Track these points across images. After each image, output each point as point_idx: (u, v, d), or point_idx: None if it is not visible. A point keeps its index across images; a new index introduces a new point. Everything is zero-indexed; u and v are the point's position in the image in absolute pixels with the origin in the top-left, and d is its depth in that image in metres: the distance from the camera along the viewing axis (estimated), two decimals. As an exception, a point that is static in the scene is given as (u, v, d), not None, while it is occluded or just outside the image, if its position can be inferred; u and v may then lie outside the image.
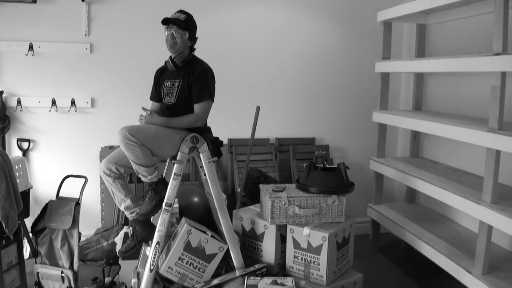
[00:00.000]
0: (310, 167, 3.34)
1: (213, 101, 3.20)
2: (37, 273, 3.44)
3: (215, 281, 3.00)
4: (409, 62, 4.12)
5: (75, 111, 4.43)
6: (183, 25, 3.12)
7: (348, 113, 5.08)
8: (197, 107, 3.13)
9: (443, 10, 4.11)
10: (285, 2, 4.78)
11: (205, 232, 3.08)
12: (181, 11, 3.18)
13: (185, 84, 3.14)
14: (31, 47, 4.25)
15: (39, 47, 4.28)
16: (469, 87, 4.08)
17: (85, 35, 4.37)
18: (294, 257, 3.14)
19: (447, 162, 4.37)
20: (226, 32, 4.68)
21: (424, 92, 4.70)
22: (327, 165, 3.38)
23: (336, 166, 3.36)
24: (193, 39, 3.22)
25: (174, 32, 3.11)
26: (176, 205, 3.41)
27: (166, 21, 3.11)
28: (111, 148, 4.34)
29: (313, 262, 3.05)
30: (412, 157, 4.73)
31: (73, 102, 4.39)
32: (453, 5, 3.68)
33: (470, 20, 4.01)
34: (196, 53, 3.30)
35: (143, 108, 3.14)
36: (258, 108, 4.01)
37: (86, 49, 4.38)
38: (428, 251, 3.65)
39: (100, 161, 4.20)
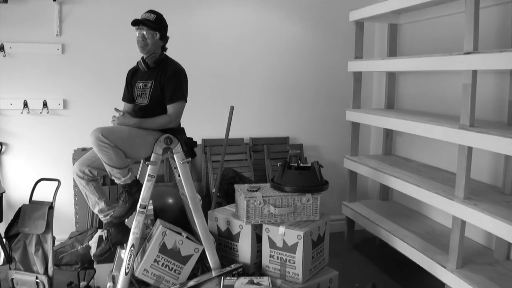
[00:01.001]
0: (284, 166, 3.35)
1: (186, 102, 3.19)
2: (12, 279, 3.39)
3: (191, 283, 2.99)
4: (381, 61, 4.17)
5: (47, 113, 4.36)
6: (153, 25, 3.09)
7: (322, 112, 5.11)
8: (170, 108, 3.11)
9: (415, 10, 4.16)
10: (258, 2, 4.79)
11: (180, 234, 3.07)
12: (150, 11, 3.15)
13: (157, 85, 3.12)
14: (2, 48, 4.17)
15: (10, 47, 4.21)
16: (441, 86, 4.13)
17: (57, 35, 4.31)
18: (270, 256, 3.14)
19: (420, 159, 4.42)
20: (198, 32, 4.66)
21: (396, 91, 4.75)
22: (301, 164, 3.39)
23: (310, 165, 3.36)
24: (164, 38, 3.20)
25: (145, 33, 3.09)
26: (150, 207, 3.39)
27: (135, 22, 3.08)
28: (84, 150, 4.28)
29: (289, 260, 3.06)
30: (385, 154, 4.78)
31: (45, 104, 4.33)
32: (424, 5, 3.72)
33: (442, 20, 4.07)
34: (168, 53, 3.28)
35: (116, 109, 3.11)
36: (232, 108, 4.00)
37: (58, 49, 4.32)
38: (402, 247, 3.69)
39: (73, 163, 4.15)
